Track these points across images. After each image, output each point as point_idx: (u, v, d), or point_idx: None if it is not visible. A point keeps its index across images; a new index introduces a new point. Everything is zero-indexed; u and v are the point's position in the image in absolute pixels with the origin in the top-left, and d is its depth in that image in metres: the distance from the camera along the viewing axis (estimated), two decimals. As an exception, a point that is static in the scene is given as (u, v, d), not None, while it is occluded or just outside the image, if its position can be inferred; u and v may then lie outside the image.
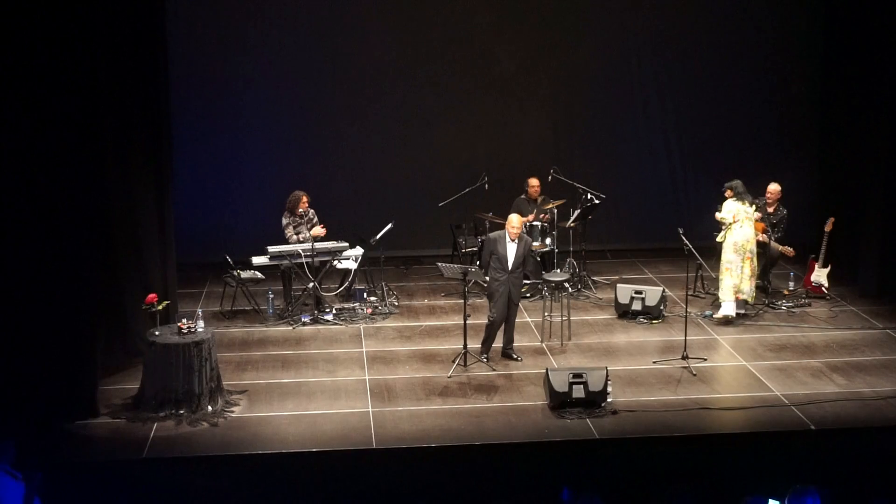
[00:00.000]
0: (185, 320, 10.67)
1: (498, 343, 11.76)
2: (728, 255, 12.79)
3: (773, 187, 13.61)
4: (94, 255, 10.56)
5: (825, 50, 15.40)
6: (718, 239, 13.00)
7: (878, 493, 8.02)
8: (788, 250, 13.56)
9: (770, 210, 13.57)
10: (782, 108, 16.06)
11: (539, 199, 14.28)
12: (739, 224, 12.79)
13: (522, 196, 14.33)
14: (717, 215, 12.98)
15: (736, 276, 12.75)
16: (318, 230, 13.18)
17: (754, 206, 12.99)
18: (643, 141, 16.12)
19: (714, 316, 12.97)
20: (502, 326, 11.68)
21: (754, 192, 13.28)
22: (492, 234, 11.79)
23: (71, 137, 10.14)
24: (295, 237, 13.16)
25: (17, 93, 9.85)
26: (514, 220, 11.63)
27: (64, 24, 10.04)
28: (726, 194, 12.96)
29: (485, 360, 11.60)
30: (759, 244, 13.38)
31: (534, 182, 14.30)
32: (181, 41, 14.30)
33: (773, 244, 13.52)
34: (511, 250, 11.51)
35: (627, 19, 15.83)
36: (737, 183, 12.92)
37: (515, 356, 11.74)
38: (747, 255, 12.77)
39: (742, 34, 15.88)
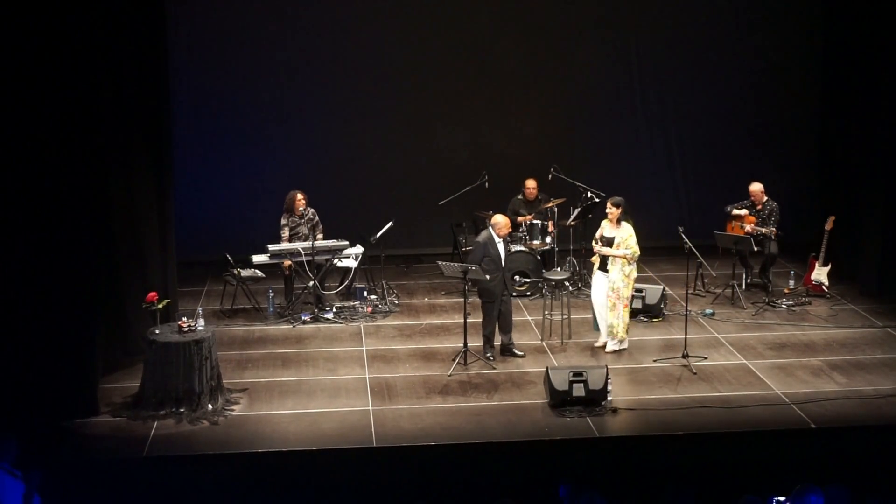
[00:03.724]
0: (185, 319, 10.67)
1: (497, 342, 11.78)
2: (629, 291, 11.76)
3: (755, 187, 13.61)
4: (94, 254, 10.57)
5: (825, 50, 15.40)
6: (628, 272, 11.60)
7: (876, 493, 8.02)
8: (772, 230, 13.41)
9: (758, 208, 13.57)
10: (782, 108, 16.06)
11: (538, 199, 14.26)
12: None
13: (519, 197, 14.31)
14: (625, 252, 11.58)
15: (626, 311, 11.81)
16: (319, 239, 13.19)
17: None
18: (643, 139, 16.12)
19: (613, 348, 11.90)
20: (497, 323, 11.73)
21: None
22: (480, 239, 11.89)
23: (72, 137, 10.14)
24: (287, 240, 13.09)
25: (17, 93, 9.84)
26: (502, 220, 11.79)
27: (65, 24, 10.03)
28: (617, 211, 11.75)
29: (490, 358, 11.63)
30: (758, 243, 13.39)
31: (531, 184, 14.27)
32: (182, 41, 14.32)
33: (768, 229, 13.43)
34: (501, 249, 11.74)
35: (627, 19, 15.82)
36: (622, 200, 11.98)
37: (518, 352, 11.78)
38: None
39: (742, 33, 15.89)
